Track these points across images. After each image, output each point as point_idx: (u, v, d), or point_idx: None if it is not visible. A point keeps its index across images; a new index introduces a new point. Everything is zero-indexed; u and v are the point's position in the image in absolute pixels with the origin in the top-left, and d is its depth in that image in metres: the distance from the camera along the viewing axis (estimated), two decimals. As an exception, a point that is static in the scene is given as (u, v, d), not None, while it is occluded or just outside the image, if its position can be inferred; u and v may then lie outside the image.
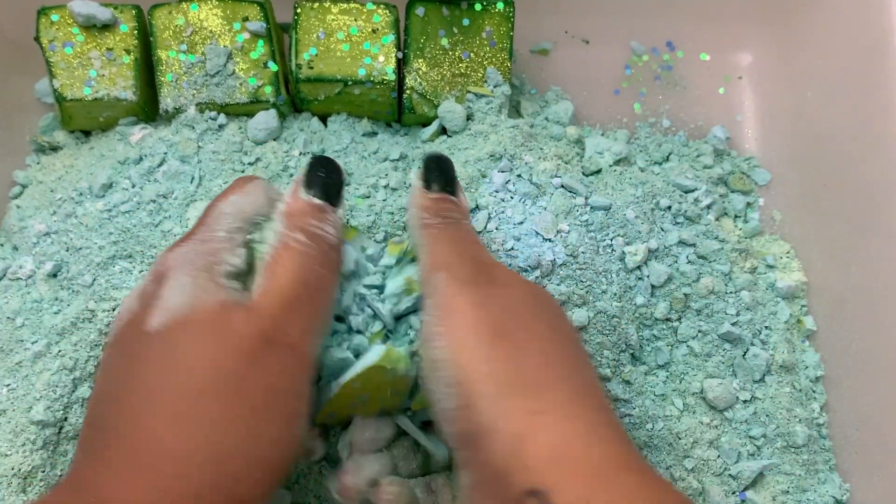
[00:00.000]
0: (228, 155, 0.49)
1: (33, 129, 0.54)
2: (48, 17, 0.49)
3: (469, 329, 0.31)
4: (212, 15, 0.50)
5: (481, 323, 0.31)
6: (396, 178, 0.50)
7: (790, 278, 0.51)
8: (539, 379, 0.31)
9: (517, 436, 0.29)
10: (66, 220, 0.48)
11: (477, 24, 0.51)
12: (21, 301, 0.46)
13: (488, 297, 0.33)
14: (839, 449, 0.48)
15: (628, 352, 0.47)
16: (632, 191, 0.50)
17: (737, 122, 0.57)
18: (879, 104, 0.47)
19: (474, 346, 0.31)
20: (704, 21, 0.58)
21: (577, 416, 0.30)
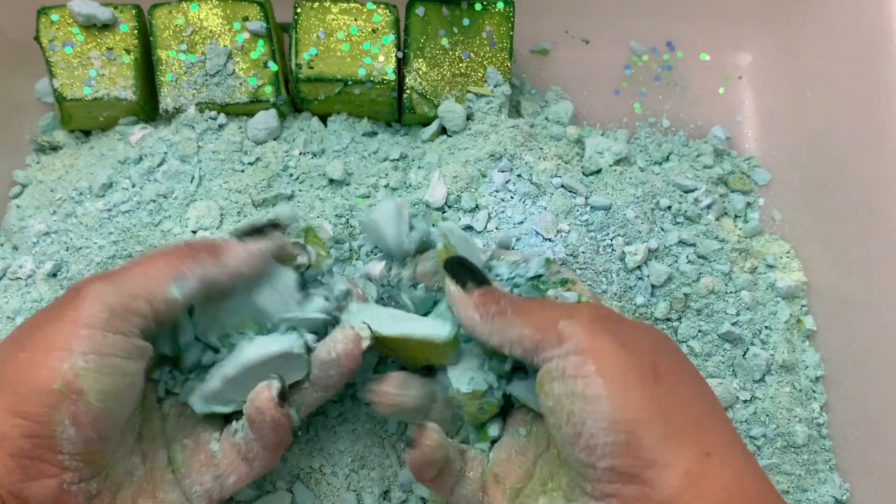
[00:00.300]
0: (228, 155, 0.49)
1: (33, 128, 0.54)
2: (48, 16, 0.49)
3: (627, 368, 0.32)
4: (212, 15, 0.50)
5: (637, 362, 0.32)
6: (396, 178, 0.50)
7: (790, 278, 0.51)
8: (702, 420, 0.32)
9: (691, 473, 0.30)
10: (66, 219, 0.48)
11: (477, 23, 0.51)
12: (21, 301, 0.46)
13: (629, 338, 0.33)
14: (839, 449, 0.48)
15: None
16: (632, 191, 0.50)
17: (737, 122, 0.57)
18: (879, 104, 0.47)
19: (639, 384, 0.31)
20: (704, 21, 0.58)
21: (744, 460, 0.31)
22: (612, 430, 0.31)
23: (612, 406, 0.31)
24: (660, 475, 0.30)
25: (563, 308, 0.35)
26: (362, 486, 0.44)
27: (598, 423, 0.31)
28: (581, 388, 0.32)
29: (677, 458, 0.30)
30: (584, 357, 0.32)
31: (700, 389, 0.33)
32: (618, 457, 0.31)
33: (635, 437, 0.30)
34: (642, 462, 0.30)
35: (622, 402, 0.31)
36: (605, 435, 0.31)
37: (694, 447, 0.30)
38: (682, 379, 0.33)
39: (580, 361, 0.32)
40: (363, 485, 0.44)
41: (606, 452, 0.31)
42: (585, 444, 0.31)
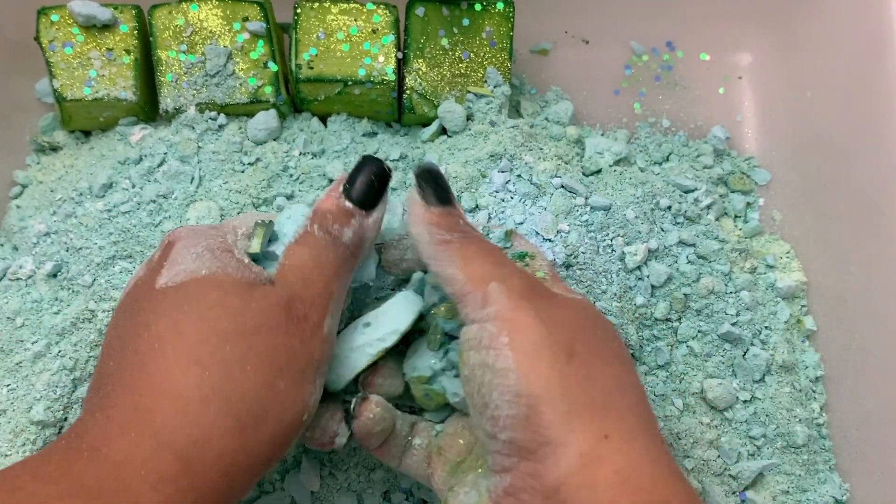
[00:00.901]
0: (228, 155, 0.49)
1: (33, 129, 0.54)
2: (48, 17, 0.49)
3: (540, 344, 0.32)
4: (212, 15, 0.50)
5: (552, 340, 0.32)
6: (396, 178, 0.50)
7: (790, 278, 0.51)
8: (610, 403, 0.32)
9: (585, 455, 0.30)
10: (66, 220, 0.48)
11: (477, 24, 0.51)
12: (21, 301, 0.46)
13: (552, 314, 0.33)
14: (839, 449, 0.48)
15: (628, 352, 0.47)
16: (632, 191, 0.50)
17: (737, 122, 0.57)
18: (879, 104, 0.47)
19: (548, 361, 0.32)
20: (704, 21, 0.58)
21: (644, 446, 0.31)
22: (515, 402, 0.31)
23: (518, 379, 0.31)
24: (554, 453, 0.30)
25: (502, 269, 0.34)
26: (363, 487, 0.44)
27: (503, 396, 0.31)
28: (493, 359, 0.32)
29: (574, 438, 0.30)
30: (501, 327, 0.32)
31: (615, 372, 0.33)
32: (517, 430, 0.31)
33: (536, 411, 0.31)
34: (539, 438, 0.30)
35: (528, 376, 0.31)
36: (507, 407, 0.31)
37: (593, 428, 0.30)
38: (598, 359, 0.33)
39: (496, 331, 0.32)
40: (363, 485, 0.44)
41: (507, 424, 0.31)
42: (490, 414, 0.32)
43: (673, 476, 0.31)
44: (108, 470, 0.29)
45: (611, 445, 0.30)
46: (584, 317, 0.35)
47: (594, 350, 0.33)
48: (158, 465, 0.29)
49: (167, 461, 0.29)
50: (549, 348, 0.32)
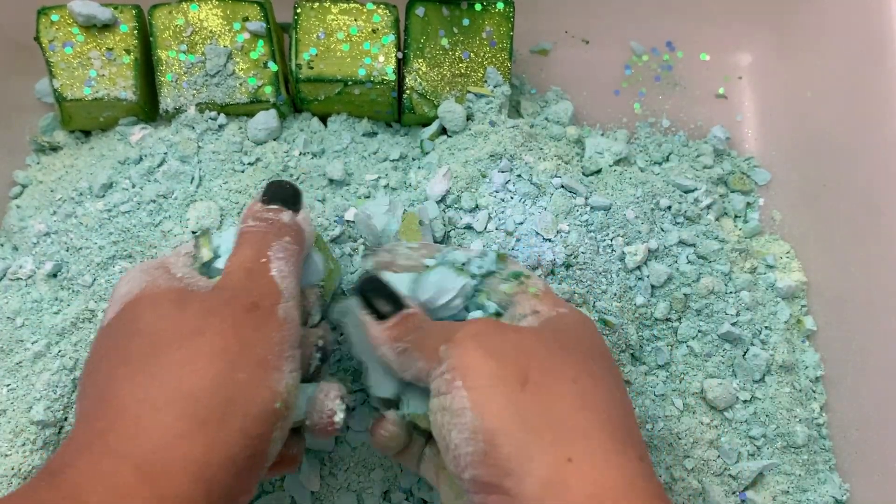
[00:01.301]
0: (228, 155, 0.49)
1: (33, 129, 0.54)
2: (48, 17, 0.49)
3: (492, 378, 0.32)
4: (212, 15, 0.50)
5: (505, 371, 0.32)
6: (396, 178, 0.50)
7: (790, 278, 0.51)
8: (574, 424, 0.31)
9: (548, 482, 0.29)
10: (66, 220, 0.48)
11: (477, 24, 0.51)
12: (21, 301, 0.46)
13: (504, 347, 0.33)
14: (839, 449, 0.48)
15: (628, 352, 0.47)
16: (632, 191, 0.50)
17: (737, 122, 0.57)
18: (879, 104, 0.47)
19: (502, 393, 0.31)
20: (704, 21, 0.58)
21: (616, 467, 0.30)
22: (472, 440, 0.31)
23: (473, 416, 0.31)
24: (519, 484, 0.30)
25: (447, 331, 0.35)
26: (363, 487, 0.44)
27: (461, 434, 0.31)
28: (449, 402, 0.32)
29: (535, 467, 0.30)
30: (454, 374, 0.33)
31: (580, 390, 0.32)
32: (478, 466, 0.31)
33: (493, 445, 0.30)
34: (501, 471, 0.30)
35: (482, 412, 0.31)
36: (465, 445, 0.31)
37: (553, 453, 0.30)
38: (556, 382, 0.32)
39: (450, 378, 0.33)
40: (363, 485, 0.44)
41: (469, 462, 0.31)
42: (452, 455, 0.32)
43: (647, 494, 0.30)
44: (66, 491, 0.29)
45: (576, 468, 0.30)
46: (543, 339, 0.34)
47: (553, 372, 0.33)
48: (116, 479, 0.29)
49: (125, 474, 0.29)
50: (502, 379, 0.32)
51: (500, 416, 0.31)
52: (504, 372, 0.32)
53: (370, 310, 0.37)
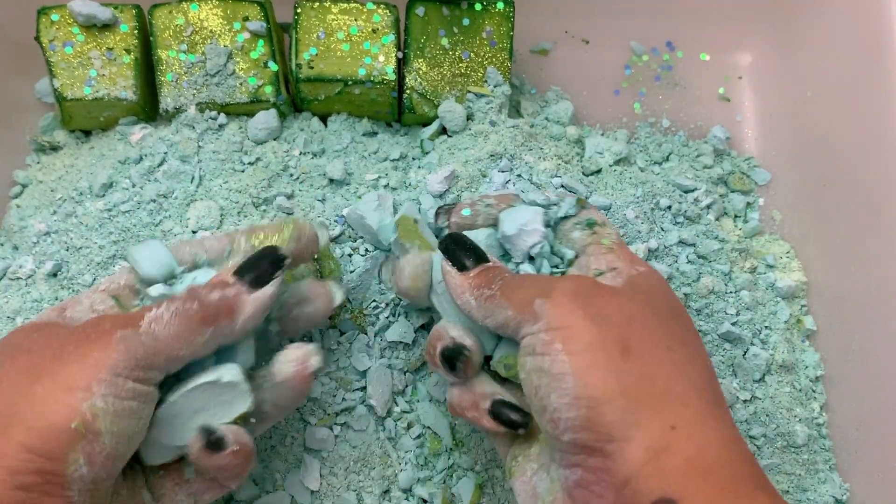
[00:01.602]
0: (228, 155, 0.49)
1: (33, 128, 0.54)
2: (48, 16, 0.49)
3: (593, 345, 0.32)
4: (212, 15, 0.50)
5: (605, 339, 0.32)
6: (396, 178, 0.50)
7: (790, 278, 0.51)
8: (672, 391, 0.32)
9: (652, 448, 0.30)
10: (66, 219, 0.48)
11: (477, 23, 0.51)
12: (21, 301, 0.46)
13: (602, 311, 0.33)
14: (839, 449, 0.48)
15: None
16: (632, 191, 0.50)
17: (737, 122, 0.57)
18: (879, 104, 0.47)
19: (603, 362, 0.32)
20: (704, 21, 0.58)
21: (712, 430, 0.31)
22: (574, 405, 0.31)
23: (576, 383, 0.31)
24: (621, 449, 0.30)
25: (542, 284, 0.35)
26: (362, 486, 0.44)
27: (562, 399, 0.32)
28: (548, 364, 0.32)
29: (639, 433, 0.30)
30: (553, 335, 0.33)
31: (676, 358, 0.33)
32: (579, 431, 0.31)
33: (597, 412, 0.31)
34: (603, 436, 0.31)
35: (585, 378, 0.31)
36: (567, 410, 0.31)
37: (657, 421, 0.31)
38: (656, 349, 0.33)
39: (549, 339, 0.33)
40: (363, 484, 0.44)
41: (569, 426, 0.32)
42: (550, 417, 0.32)
43: (741, 457, 0.31)
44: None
45: (678, 435, 0.30)
46: (639, 303, 0.35)
47: (650, 339, 0.33)
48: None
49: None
50: (603, 348, 0.32)
51: (604, 384, 0.31)
52: (606, 338, 0.32)
53: (454, 261, 0.38)
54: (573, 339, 0.32)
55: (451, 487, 0.45)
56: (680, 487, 0.29)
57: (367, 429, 0.45)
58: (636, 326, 0.33)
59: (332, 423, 0.45)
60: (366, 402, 0.45)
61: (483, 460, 0.45)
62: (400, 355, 0.46)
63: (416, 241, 0.43)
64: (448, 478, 0.45)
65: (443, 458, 0.45)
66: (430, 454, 0.45)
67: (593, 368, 0.32)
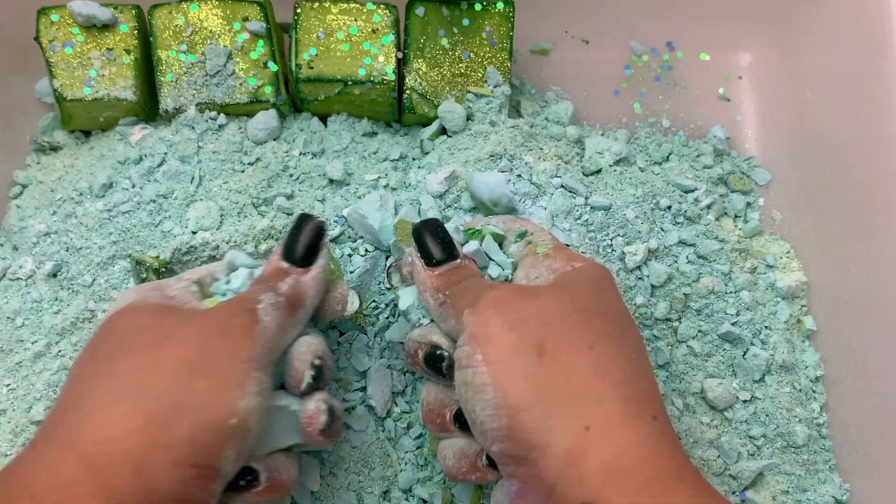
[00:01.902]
0: (228, 155, 0.49)
1: (33, 129, 0.54)
2: (48, 17, 0.49)
3: (509, 351, 0.32)
4: (212, 15, 0.50)
5: (522, 343, 0.32)
6: (396, 178, 0.50)
7: (790, 278, 0.51)
8: (588, 392, 0.31)
9: (569, 452, 0.30)
10: (66, 220, 0.48)
11: (477, 24, 0.51)
12: (21, 301, 0.46)
13: (522, 315, 0.33)
14: (839, 449, 0.48)
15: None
16: (632, 191, 0.50)
17: (737, 122, 0.57)
18: (879, 104, 0.47)
19: (518, 367, 0.32)
20: (704, 21, 0.58)
21: (629, 429, 0.31)
22: (496, 416, 0.32)
23: (495, 394, 0.32)
24: (543, 456, 0.31)
25: (475, 294, 0.35)
26: (362, 486, 0.44)
27: (485, 411, 0.32)
28: (471, 376, 0.33)
29: (556, 438, 0.30)
30: (475, 346, 0.33)
31: (593, 356, 0.32)
32: (504, 441, 0.32)
33: (517, 420, 0.31)
34: (526, 444, 0.31)
35: (504, 387, 0.31)
36: (490, 421, 0.32)
37: (573, 424, 0.31)
38: (571, 348, 0.32)
39: (471, 350, 0.33)
40: (363, 485, 0.44)
41: (495, 437, 0.32)
42: (479, 430, 0.33)
43: (660, 453, 0.31)
44: (13, 484, 0.29)
45: (593, 436, 0.30)
46: (561, 301, 0.34)
47: (568, 338, 0.33)
48: (61, 468, 0.29)
49: (70, 463, 0.29)
50: (520, 353, 0.32)
51: (520, 391, 0.31)
52: (522, 343, 0.32)
53: (423, 253, 0.37)
54: (492, 347, 0.32)
55: (451, 488, 0.45)
56: (598, 491, 0.29)
57: (367, 429, 0.45)
58: (554, 326, 0.33)
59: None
60: (366, 402, 0.45)
61: (483, 460, 0.45)
62: (400, 355, 0.46)
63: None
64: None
65: (443, 459, 0.45)
66: (430, 454, 0.45)
67: (511, 376, 0.32)
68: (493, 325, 0.33)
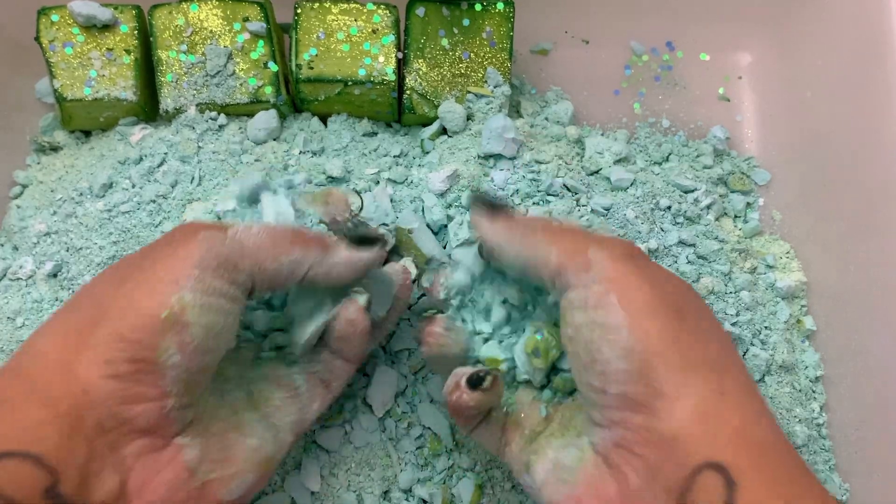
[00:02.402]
0: (228, 155, 0.49)
1: (33, 129, 0.54)
2: (48, 17, 0.49)
3: (650, 303, 0.32)
4: (212, 15, 0.50)
5: (661, 300, 0.32)
6: (397, 172, 0.50)
7: (790, 278, 0.51)
8: (720, 361, 0.32)
9: (701, 410, 0.30)
10: (66, 220, 0.48)
11: (477, 24, 0.51)
12: (21, 301, 0.46)
13: (655, 275, 0.34)
14: (839, 449, 0.48)
15: None
16: (632, 191, 0.50)
17: (737, 122, 0.57)
18: (879, 104, 0.47)
19: (660, 319, 0.32)
20: (704, 21, 0.58)
21: (759, 408, 0.31)
22: (627, 357, 0.31)
23: (630, 335, 0.31)
24: (669, 406, 0.30)
25: (595, 236, 0.35)
26: (362, 486, 0.44)
27: (614, 351, 0.31)
28: (602, 317, 0.32)
29: (690, 392, 0.30)
30: (608, 287, 0.32)
31: (721, 335, 0.34)
32: (629, 383, 0.31)
33: (650, 365, 0.31)
34: (653, 391, 0.30)
35: (641, 332, 0.31)
36: (619, 361, 0.31)
37: (709, 384, 0.31)
38: (703, 321, 0.33)
39: (603, 291, 0.32)
40: (363, 485, 0.44)
41: (619, 378, 0.31)
42: (600, 369, 0.32)
43: (783, 438, 0.31)
44: None
45: (727, 402, 0.30)
46: (684, 285, 0.35)
47: (699, 312, 0.34)
48: None
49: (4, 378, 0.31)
50: (660, 307, 0.32)
51: (660, 341, 0.31)
52: (662, 301, 0.32)
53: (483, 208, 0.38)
54: (629, 294, 0.32)
55: (451, 488, 0.45)
56: (730, 456, 0.29)
57: (368, 429, 0.45)
58: (686, 298, 0.34)
59: (333, 424, 0.45)
60: (366, 402, 0.45)
61: (483, 461, 0.45)
62: (400, 356, 0.46)
63: (411, 251, 0.43)
64: (448, 478, 0.45)
65: (443, 459, 0.45)
66: (430, 454, 0.45)
67: (650, 324, 0.31)
68: (629, 273, 0.33)
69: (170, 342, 0.31)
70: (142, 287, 0.32)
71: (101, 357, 0.30)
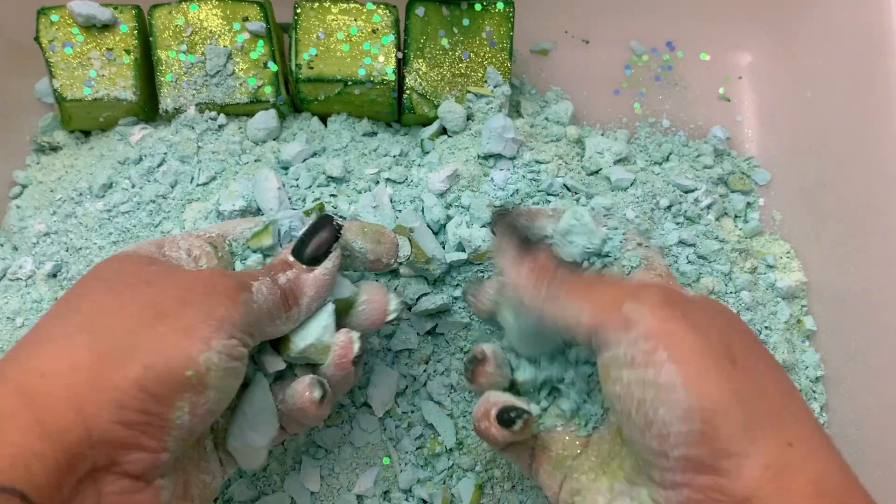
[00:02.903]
0: (228, 155, 0.49)
1: (33, 129, 0.54)
2: (48, 17, 0.49)
3: (701, 353, 0.30)
4: (212, 15, 0.50)
5: (711, 347, 0.30)
6: (397, 172, 0.50)
7: (790, 278, 0.51)
8: (782, 407, 0.30)
9: (772, 466, 0.29)
10: (66, 220, 0.48)
11: (477, 24, 0.51)
12: (21, 301, 0.46)
13: (699, 319, 0.31)
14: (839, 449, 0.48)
15: None
16: (632, 191, 0.50)
17: (737, 122, 0.57)
18: (879, 104, 0.47)
19: (715, 371, 0.30)
20: (704, 21, 0.58)
21: (832, 452, 0.30)
22: (688, 418, 0.29)
23: (688, 394, 0.29)
24: (738, 466, 0.28)
25: (626, 288, 0.33)
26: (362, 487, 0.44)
27: (673, 412, 0.29)
28: (653, 375, 0.30)
29: (757, 449, 0.29)
30: (655, 343, 0.30)
31: (776, 373, 0.32)
32: (693, 446, 0.29)
33: (712, 426, 0.29)
34: (719, 452, 0.29)
35: (698, 389, 0.29)
36: (679, 424, 0.29)
37: (775, 437, 0.29)
38: (757, 362, 0.31)
39: (650, 347, 0.30)
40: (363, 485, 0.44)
41: (681, 441, 0.29)
42: (658, 432, 0.30)
43: (860, 487, 0.30)
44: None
45: (797, 453, 0.29)
46: (729, 318, 0.33)
47: (752, 352, 0.31)
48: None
49: (5, 394, 0.28)
50: (711, 356, 0.30)
51: (718, 394, 0.29)
52: (712, 348, 0.30)
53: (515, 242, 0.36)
54: (678, 346, 0.30)
55: (451, 488, 0.45)
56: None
57: (368, 429, 0.45)
58: (735, 337, 0.31)
59: (333, 424, 0.45)
60: (366, 402, 0.45)
61: (483, 461, 0.45)
62: (400, 356, 0.46)
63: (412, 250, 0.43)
64: (448, 478, 0.45)
65: (443, 459, 0.45)
66: (430, 454, 0.45)
67: (705, 378, 0.29)
68: (673, 322, 0.31)
69: (185, 402, 0.31)
70: (175, 335, 0.31)
71: (117, 400, 0.29)
